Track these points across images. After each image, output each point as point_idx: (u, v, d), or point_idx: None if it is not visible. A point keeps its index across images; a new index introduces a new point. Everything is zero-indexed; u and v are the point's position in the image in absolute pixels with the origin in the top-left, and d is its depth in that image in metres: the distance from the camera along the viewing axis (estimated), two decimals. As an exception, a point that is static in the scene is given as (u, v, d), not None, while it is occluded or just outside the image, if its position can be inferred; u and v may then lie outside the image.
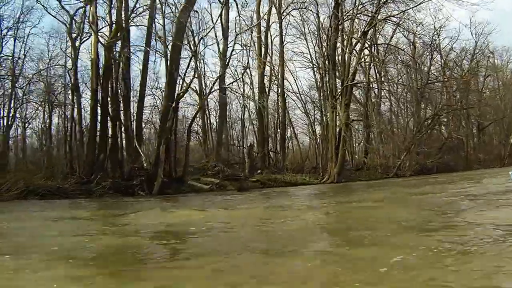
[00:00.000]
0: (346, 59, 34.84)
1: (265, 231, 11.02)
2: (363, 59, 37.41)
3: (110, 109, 27.80)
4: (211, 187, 29.80)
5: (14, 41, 35.06)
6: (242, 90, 46.35)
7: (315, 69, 43.48)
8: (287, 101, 47.49)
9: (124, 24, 27.66)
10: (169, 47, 28.51)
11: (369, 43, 37.51)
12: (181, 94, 26.83)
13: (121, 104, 28.51)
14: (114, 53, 28.57)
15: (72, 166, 29.73)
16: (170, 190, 26.41)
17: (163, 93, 28.33)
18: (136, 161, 27.58)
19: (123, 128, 28.72)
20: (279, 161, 44.82)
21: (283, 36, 45.05)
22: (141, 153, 27.55)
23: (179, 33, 27.71)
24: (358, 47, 35.74)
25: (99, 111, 27.94)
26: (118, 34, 27.11)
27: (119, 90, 28.25)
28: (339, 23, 34.82)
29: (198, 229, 11.25)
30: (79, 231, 11.31)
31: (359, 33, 35.34)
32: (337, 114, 35.49)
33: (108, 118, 27.95)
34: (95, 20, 27.96)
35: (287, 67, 47.50)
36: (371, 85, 42.43)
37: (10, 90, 36.34)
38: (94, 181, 25.27)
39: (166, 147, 25.95)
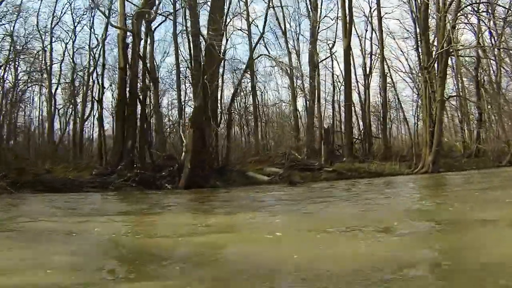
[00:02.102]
0: (441, 22, 26.74)
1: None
2: (460, 21, 28.59)
3: (139, 90, 23.25)
4: (273, 178, 24.32)
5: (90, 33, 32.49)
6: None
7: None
8: (395, 81, 40.93)
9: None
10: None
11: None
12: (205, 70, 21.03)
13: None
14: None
15: (101, 156, 25.87)
16: (211, 182, 21.38)
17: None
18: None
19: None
20: (377, 148, 38.26)
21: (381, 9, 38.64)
22: (184, 140, 22.63)
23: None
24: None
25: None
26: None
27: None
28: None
29: None
30: None
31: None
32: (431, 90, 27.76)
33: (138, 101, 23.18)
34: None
35: (397, 44, 40.77)
36: (484, 55, 33.70)
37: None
38: (117, 172, 21.09)
39: (200, 132, 20.74)
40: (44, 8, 59.96)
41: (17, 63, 35.15)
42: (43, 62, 35.13)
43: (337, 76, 40.35)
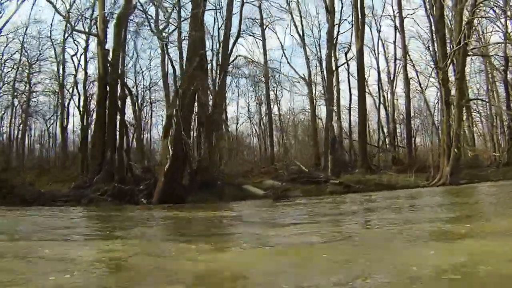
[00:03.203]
0: (457, 17, 23.57)
1: None
2: (478, 15, 25.06)
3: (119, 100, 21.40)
4: (268, 193, 21.97)
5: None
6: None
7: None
8: (424, 86, 37.77)
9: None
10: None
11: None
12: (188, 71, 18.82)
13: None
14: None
15: (83, 167, 24.20)
16: (193, 196, 19.34)
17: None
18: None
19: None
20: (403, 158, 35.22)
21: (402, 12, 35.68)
22: (170, 150, 20.53)
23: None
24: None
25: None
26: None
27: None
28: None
29: None
30: None
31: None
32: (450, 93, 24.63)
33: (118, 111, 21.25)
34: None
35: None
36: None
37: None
38: (94, 185, 19.45)
39: (176, 141, 18.69)
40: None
41: (31, 75, 34.47)
42: (57, 72, 34.23)
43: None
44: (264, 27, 35.66)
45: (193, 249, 7.36)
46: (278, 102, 38.82)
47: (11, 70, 31.87)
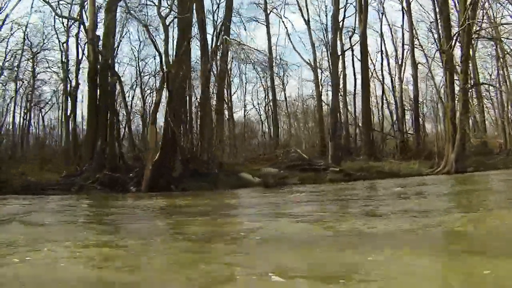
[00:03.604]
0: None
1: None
2: None
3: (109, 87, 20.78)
4: (265, 180, 21.22)
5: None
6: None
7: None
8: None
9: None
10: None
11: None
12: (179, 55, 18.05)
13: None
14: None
15: (75, 155, 23.60)
16: (182, 184, 18.70)
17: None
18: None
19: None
20: (409, 145, 34.14)
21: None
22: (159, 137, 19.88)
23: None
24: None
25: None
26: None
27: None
28: None
29: None
30: None
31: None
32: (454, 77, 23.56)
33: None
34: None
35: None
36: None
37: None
38: (85, 173, 18.99)
39: (165, 128, 18.04)
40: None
41: (35, 64, 34.13)
42: (60, 61, 33.78)
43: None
44: (268, 12, 34.75)
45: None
46: (284, 88, 37.99)
47: (12, 58, 31.52)
